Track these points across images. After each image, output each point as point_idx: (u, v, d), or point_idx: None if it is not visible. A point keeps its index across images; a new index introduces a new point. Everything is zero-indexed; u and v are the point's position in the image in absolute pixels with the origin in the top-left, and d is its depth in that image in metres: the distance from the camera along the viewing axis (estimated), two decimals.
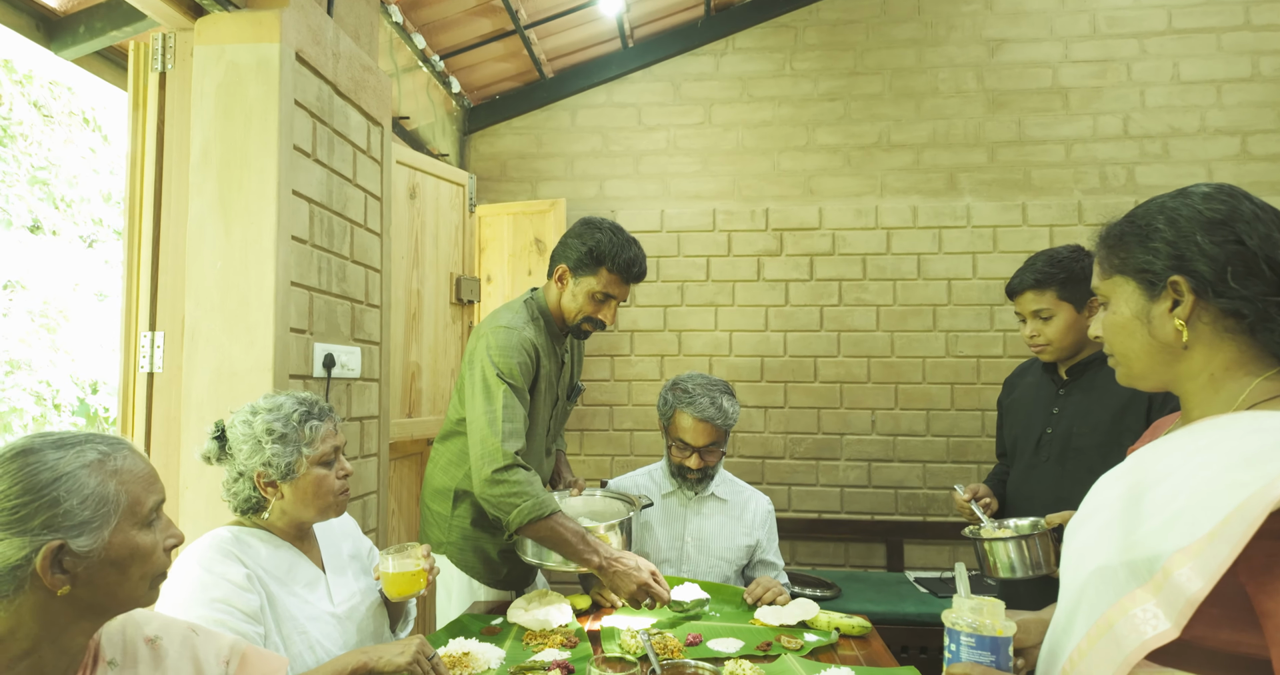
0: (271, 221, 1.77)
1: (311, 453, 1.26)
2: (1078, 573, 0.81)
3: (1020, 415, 1.84)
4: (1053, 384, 1.77)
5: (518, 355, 1.76)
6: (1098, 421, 1.64)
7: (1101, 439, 1.63)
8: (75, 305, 5.10)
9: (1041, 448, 1.73)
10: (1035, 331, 1.72)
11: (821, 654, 1.47)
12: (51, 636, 0.81)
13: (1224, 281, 0.80)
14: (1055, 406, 1.74)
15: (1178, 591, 0.68)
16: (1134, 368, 0.89)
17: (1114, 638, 0.72)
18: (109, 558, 0.82)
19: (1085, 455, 1.65)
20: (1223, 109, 3.25)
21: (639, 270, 1.86)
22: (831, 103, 3.41)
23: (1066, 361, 1.74)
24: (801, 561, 3.31)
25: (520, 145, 3.55)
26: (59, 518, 0.79)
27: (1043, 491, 1.68)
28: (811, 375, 3.34)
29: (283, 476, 1.25)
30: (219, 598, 1.15)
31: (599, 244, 1.82)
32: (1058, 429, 1.71)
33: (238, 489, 1.28)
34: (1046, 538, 1.48)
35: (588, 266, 1.84)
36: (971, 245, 3.31)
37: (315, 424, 1.28)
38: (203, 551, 1.21)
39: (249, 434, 1.26)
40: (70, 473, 0.80)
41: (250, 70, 1.80)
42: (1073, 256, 1.69)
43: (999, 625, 0.84)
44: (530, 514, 1.63)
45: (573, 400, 2.10)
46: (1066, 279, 1.67)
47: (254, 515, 1.31)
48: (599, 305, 1.86)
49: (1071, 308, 1.68)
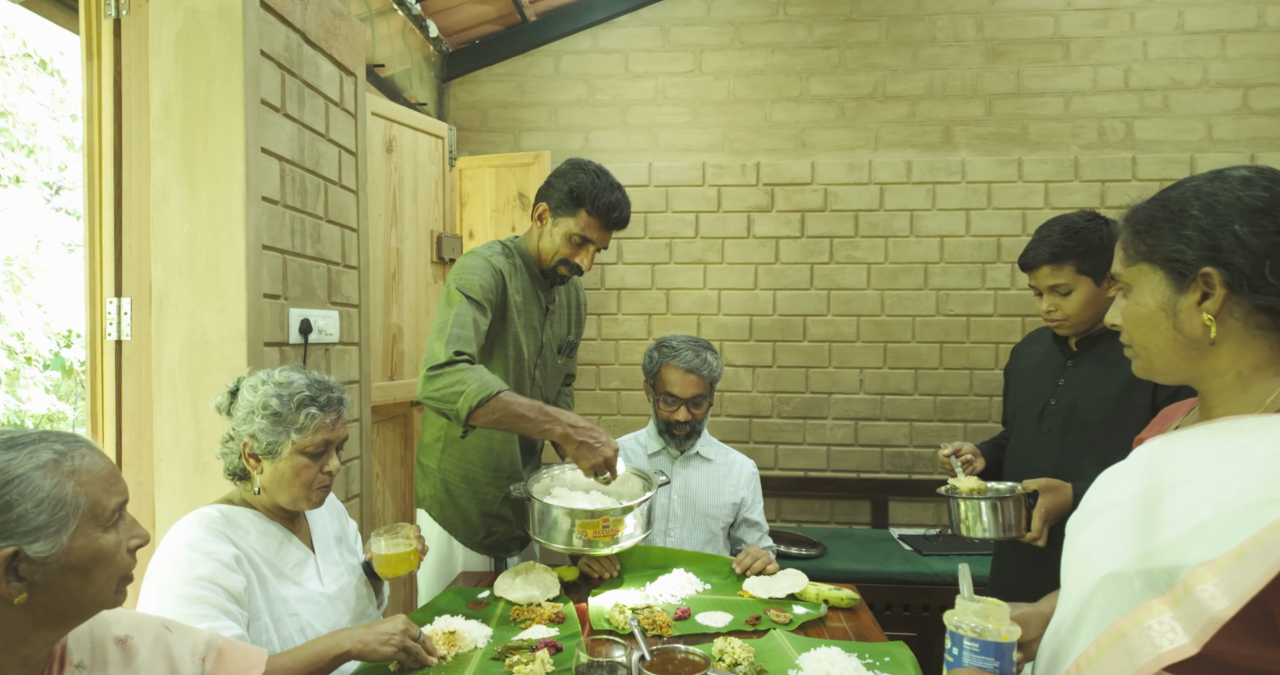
0: (240, 182, 1.68)
1: (299, 439, 1.21)
2: (1085, 574, 0.79)
3: (1025, 385, 1.81)
4: (1061, 355, 1.73)
5: (479, 275, 1.74)
6: (1104, 396, 1.61)
7: (1106, 414, 1.60)
8: (44, 260, 4.94)
9: (1044, 419, 1.70)
10: (1053, 306, 1.65)
11: (810, 628, 1.47)
12: (10, 647, 0.77)
13: (1261, 276, 0.75)
14: (1061, 378, 1.70)
15: (1199, 608, 0.65)
16: (1155, 362, 0.85)
17: (1126, 648, 0.70)
18: (69, 563, 0.77)
19: (1088, 429, 1.62)
20: (1226, 61, 3.16)
21: (619, 215, 1.81)
22: (826, 51, 3.28)
23: (1076, 336, 1.70)
24: (787, 519, 3.33)
25: (502, 93, 3.41)
26: (12, 523, 0.74)
27: (1042, 463, 1.66)
28: (800, 334, 3.31)
29: (265, 453, 1.21)
30: (204, 576, 1.12)
31: (580, 185, 1.78)
32: (1062, 401, 1.68)
33: (227, 450, 1.25)
34: (1021, 502, 1.46)
35: (567, 207, 1.80)
36: (966, 201, 3.24)
37: (313, 412, 1.22)
38: (191, 529, 1.17)
39: (250, 401, 1.22)
40: (23, 475, 0.75)
41: (211, 18, 1.67)
42: (1090, 226, 1.61)
43: (1004, 630, 0.82)
44: (477, 395, 1.54)
45: (565, 354, 2.06)
46: (1085, 251, 1.59)
47: (241, 483, 1.27)
48: (576, 248, 1.82)
49: (1090, 281, 1.61)
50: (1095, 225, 1.61)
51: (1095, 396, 1.62)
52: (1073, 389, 1.66)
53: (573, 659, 1.17)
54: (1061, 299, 1.64)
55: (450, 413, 1.59)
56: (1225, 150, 3.16)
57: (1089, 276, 1.61)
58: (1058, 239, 1.62)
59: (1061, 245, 1.61)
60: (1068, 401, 1.66)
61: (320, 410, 1.24)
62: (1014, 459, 1.77)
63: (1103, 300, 1.62)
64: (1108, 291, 1.61)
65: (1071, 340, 1.71)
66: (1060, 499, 1.48)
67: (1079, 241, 1.60)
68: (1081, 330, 1.67)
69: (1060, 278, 1.62)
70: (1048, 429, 1.69)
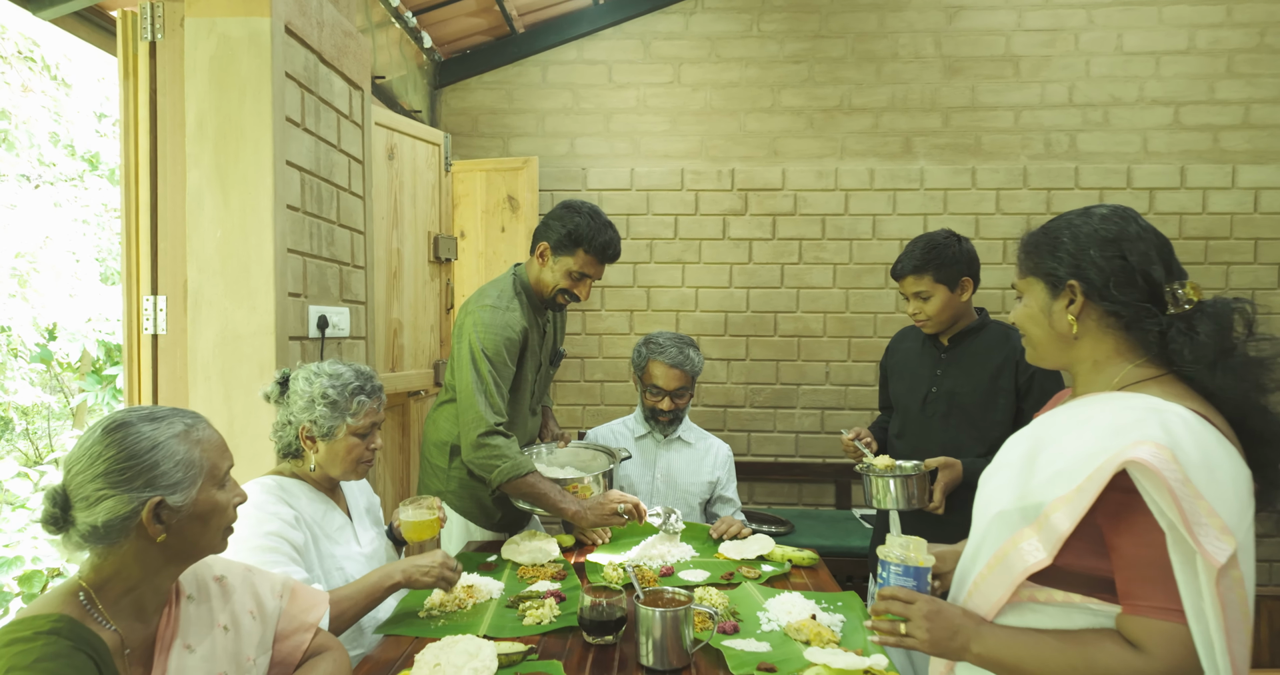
0: (269, 192, 1.87)
1: (353, 422, 1.43)
2: (984, 514, 1.03)
3: (906, 376, 2.09)
4: (935, 350, 2.02)
5: (503, 334, 1.94)
6: (976, 383, 1.92)
7: (979, 398, 1.91)
8: (45, 255, 5.02)
9: (928, 405, 1.99)
10: (917, 309, 1.95)
11: (776, 581, 1.71)
12: (149, 577, 0.97)
13: (1109, 288, 0.99)
14: (938, 369, 1.99)
15: (1053, 530, 0.90)
16: (1039, 350, 1.10)
17: (1006, 565, 0.95)
18: (195, 512, 0.98)
19: (966, 412, 1.93)
20: (1160, 80, 3.45)
21: (613, 252, 2.03)
22: (796, 65, 3.52)
23: (947, 332, 1.99)
24: (759, 501, 3.59)
25: (491, 100, 3.60)
26: (158, 478, 0.94)
27: (930, 443, 1.95)
28: (772, 329, 3.55)
29: (323, 435, 1.42)
30: (273, 531, 1.33)
31: (578, 227, 1.98)
32: (941, 388, 1.97)
33: (284, 434, 1.45)
34: (925, 478, 1.73)
35: (566, 247, 2.00)
36: (924, 207, 3.51)
37: (363, 399, 1.44)
38: (255, 494, 1.38)
39: (307, 391, 1.42)
40: (164, 442, 0.95)
41: (242, 44, 1.86)
42: (946, 243, 1.91)
43: (921, 558, 1.06)
44: (509, 473, 1.87)
45: (555, 364, 2.28)
46: (941, 264, 1.89)
47: (292, 460, 1.48)
48: (575, 282, 2.03)
49: (946, 288, 1.90)
50: (950, 242, 1.91)
51: (969, 384, 1.92)
52: (950, 379, 1.96)
53: (578, 603, 1.40)
54: (923, 303, 1.92)
55: (484, 478, 1.90)
56: (1159, 162, 3.45)
57: (944, 285, 1.90)
58: (920, 253, 1.90)
59: (923, 258, 1.90)
60: (947, 389, 1.96)
61: (368, 397, 1.45)
62: (904, 441, 2.05)
63: (957, 304, 1.92)
64: (961, 297, 1.91)
65: (943, 337, 1.99)
66: (954, 474, 1.78)
67: (936, 256, 1.89)
68: (941, 329, 1.97)
69: (922, 285, 1.91)
70: (932, 413, 1.98)
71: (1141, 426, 0.88)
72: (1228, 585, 0.83)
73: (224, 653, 1.04)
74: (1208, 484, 0.84)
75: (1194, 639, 0.85)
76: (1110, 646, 0.90)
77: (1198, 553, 0.83)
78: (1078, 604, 0.94)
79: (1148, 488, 0.86)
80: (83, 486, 0.93)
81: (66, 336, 5.82)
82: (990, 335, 1.95)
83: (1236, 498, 0.86)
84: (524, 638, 1.37)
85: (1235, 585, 0.84)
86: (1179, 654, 0.86)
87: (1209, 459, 0.86)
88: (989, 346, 1.93)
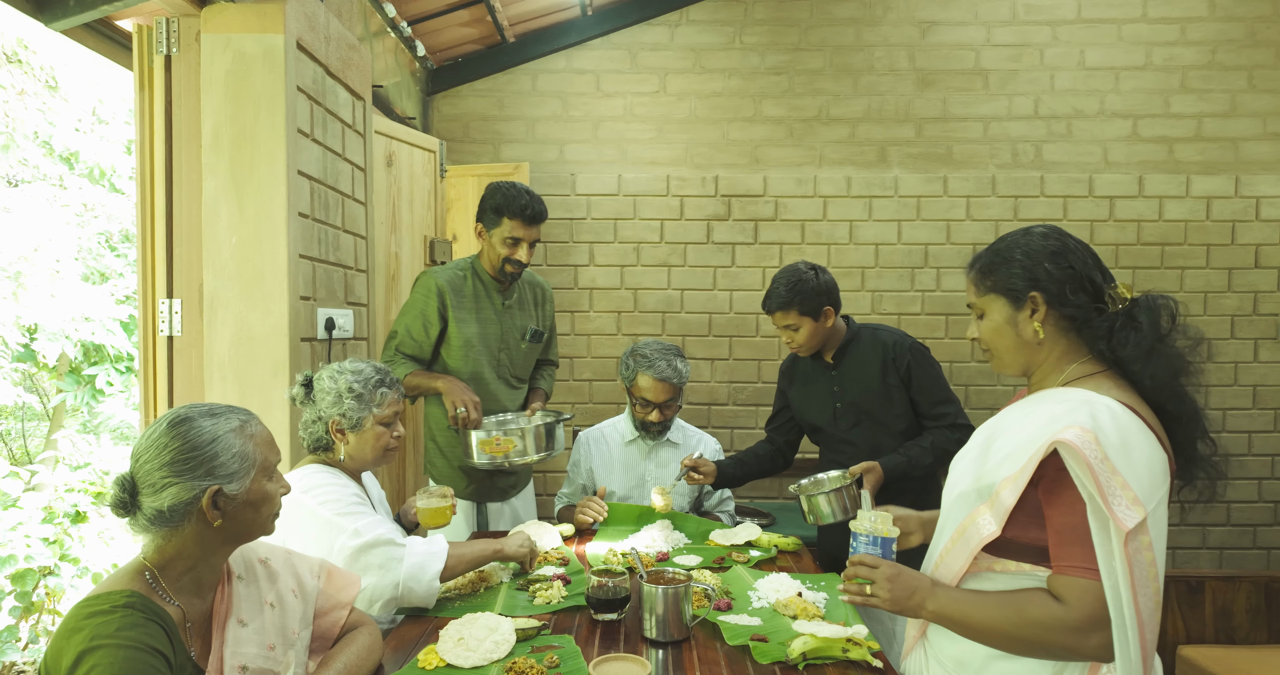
0: (282, 201, 1.96)
1: (379, 412, 1.54)
2: (949, 495, 1.18)
3: (809, 397, 2.26)
4: (825, 368, 2.21)
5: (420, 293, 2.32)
6: (869, 387, 2.12)
7: (878, 400, 2.11)
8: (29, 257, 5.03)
9: (838, 419, 2.18)
10: (789, 339, 2.14)
11: (764, 565, 1.85)
12: (206, 557, 1.08)
13: (1065, 295, 1.13)
14: (835, 385, 2.18)
15: (1001, 504, 1.05)
16: (1005, 359, 1.22)
17: (965, 539, 1.10)
18: (248, 500, 1.09)
19: (872, 415, 2.12)
20: (1119, 94, 3.64)
21: (533, 211, 2.26)
22: (777, 76, 3.66)
23: (828, 352, 2.18)
24: (741, 495, 3.72)
25: (482, 107, 3.70)
26: (217, 468, 1.05)
27: (854, 450, 2.14)
28: (754, 330, 3.70)
29: (351, 427, 1.53)
30: (356, 493, 1.50)
31: (498, 200, 2.26)
32: (844, 402, 2.16)
33: (314, 430, 1.56)
34: (853, 488, 1.83)
35: (494, 219, 2.27)
36: (898, 214, 3.67)
37: (385, 391, 1.55)
38: (317, 475, 1.51)
39: (333, 388, 1.54)
40: (222, 436, 1.06)
41: (257, 60, 1.95)
42: (805, 279, 2.07)
43: (886, 529, 1.21)
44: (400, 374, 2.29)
45: (532, 342, 2.44)
46: (804, 299, 2.06)
47: (322, 453, 1.59)
48: (512, 248, 2.27)
49: (810, 319, 2.09)
50: (809, 277, 2.08)
51: (863, 389, 2.12)
52: (848, 391, 2.15)
53: (584, 585, 1.52)
54: (794, 333, 2.11)
55: None
56: (1118, 172, 3.65)
57: (809, 317, 2.08)
58: (785, 292, 2.07)
59: (787, 296, 2.07)
60: (849, 401, 2.15)
61: (389, 389, 1.57)
62: (830, 452, 2.25)
63: (823, 330, 2.10)
64: (825, 323, 2.09)
65: (826, 356, 2.18)
66: (877, 475, 1.94)
67: (799, 291, 2.06)
68: (814, 351, 2.16)
69: (789, 319, 2.09)
70: (844, 426, 2.17)
71: (1073, 415, 1.03)
72: (1135, 548, 0.98)
73: (272, 627, 1.15)
74: (1124, 463, 0.99)
75: (1105, 593, 0.99)
76: (1039, 600, 1.05)
77: (1110, 520, 0.97)
78: (1027, 571, 1.09)
79: (1072, 464, 1.01)
80: (150, 474, 1.03)
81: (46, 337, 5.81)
82: (864, 343, 2.14)
83: (1150, 476, 1.01)
84: (536, 616, 1.49)
85: (1143, 549, 0.99)
86: (1093, 605, 1.01)
87: (1127, 442, 1.01)
88: (868, 353, 2.13)
